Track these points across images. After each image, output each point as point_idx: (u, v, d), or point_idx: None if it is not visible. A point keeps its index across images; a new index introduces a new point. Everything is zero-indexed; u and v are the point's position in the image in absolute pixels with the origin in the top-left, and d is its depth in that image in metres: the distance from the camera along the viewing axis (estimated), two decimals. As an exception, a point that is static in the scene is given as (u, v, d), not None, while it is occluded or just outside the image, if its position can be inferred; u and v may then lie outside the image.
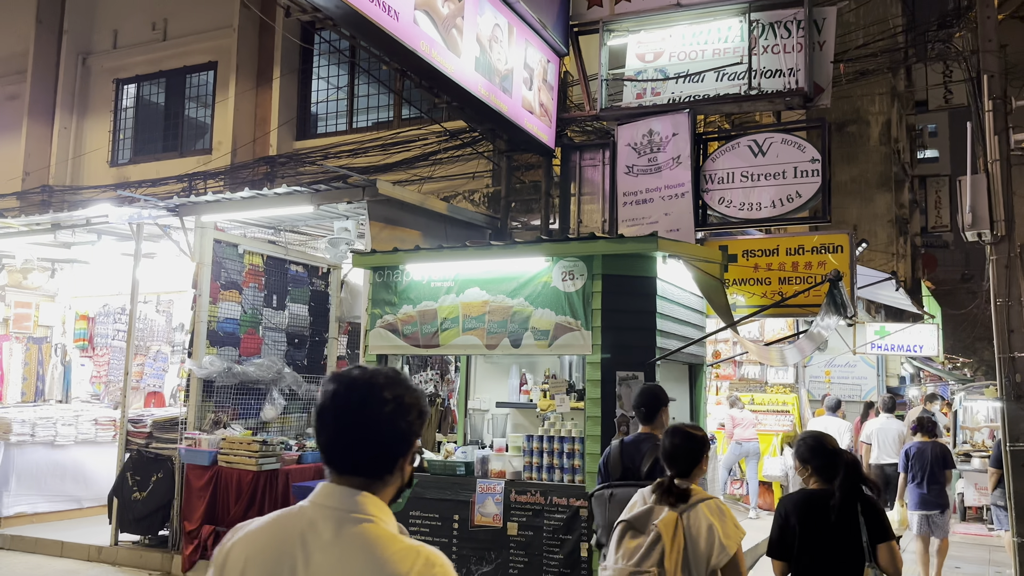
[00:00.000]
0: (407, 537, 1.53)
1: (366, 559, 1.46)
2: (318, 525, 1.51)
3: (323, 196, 7.22)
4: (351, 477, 1.56)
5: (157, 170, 11.81)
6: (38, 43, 12.81)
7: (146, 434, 7.81)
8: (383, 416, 1.56)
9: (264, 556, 1.52)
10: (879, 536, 3.34)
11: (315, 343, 9.32)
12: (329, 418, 1.57)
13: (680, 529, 2.98)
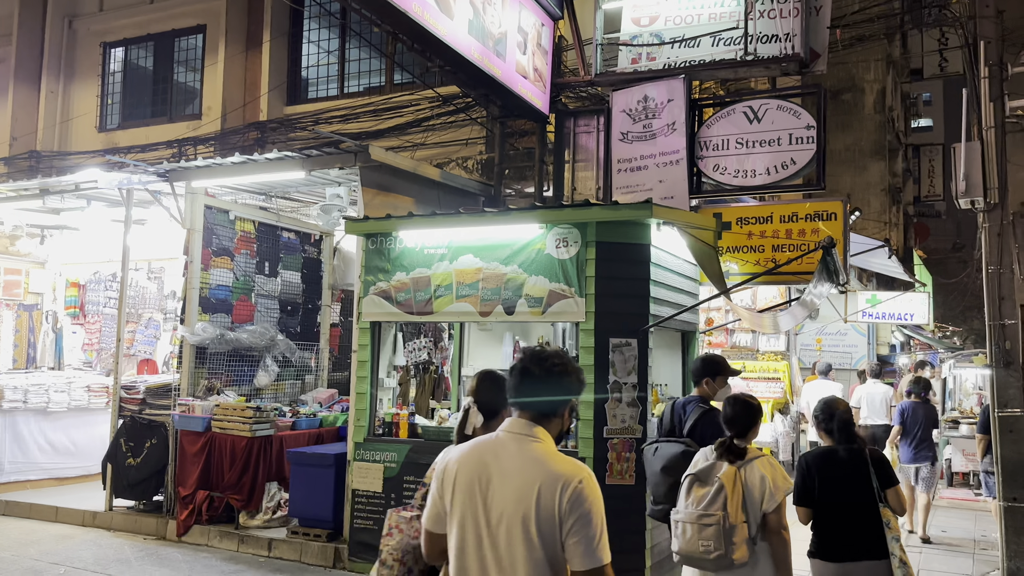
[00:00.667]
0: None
1: (537, 465, 2.23)
2: (507, 444, 2.30)
3: (315, 162, 7.15)
4: (530, 414, 2.33)
5: (146, 136, 11.67)
6: (23, 5, 12.57)
7: (139, 401, 7.81)
8: (553, 378, 2.32)
9: (470, 463, 2.30)
10: (887, 482, 3.97)
11: (308, 310, 9.30)
12: (520, 376, 2.34)
13: (739, 481, 3.58)
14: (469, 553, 2.22)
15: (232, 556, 6.68)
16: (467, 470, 2.29)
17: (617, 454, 5.65)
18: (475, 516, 2.24)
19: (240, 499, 7.03)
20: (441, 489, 2.34)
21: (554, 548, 2.14)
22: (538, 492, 2.17)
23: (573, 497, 2.15)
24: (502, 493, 2.21)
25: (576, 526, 2.14)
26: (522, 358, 2.38)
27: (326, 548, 6.54)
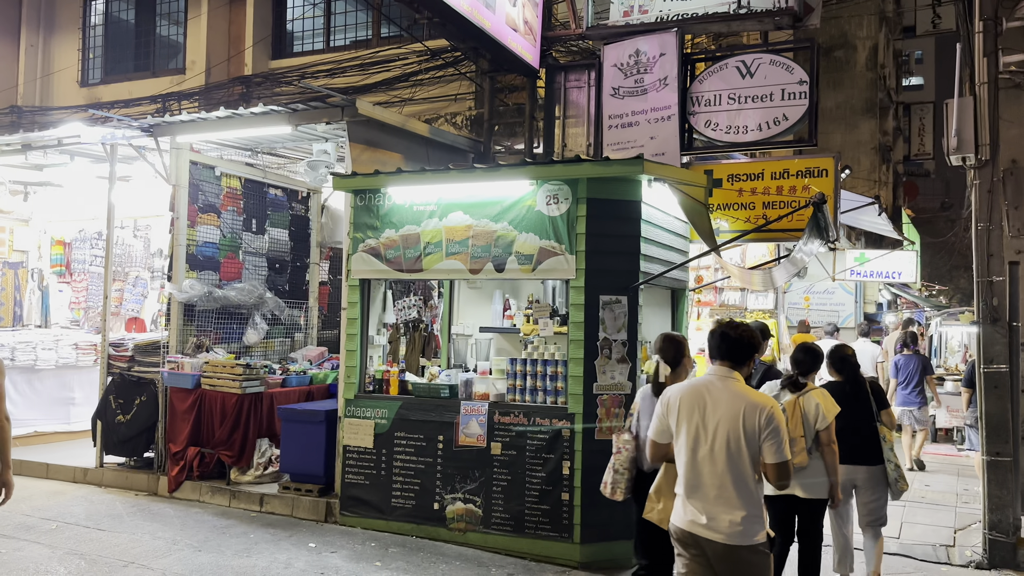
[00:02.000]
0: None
1: (739, 396, 3.30)
2: (715, 382, 3.38)
3: (301, 116, 7.04)
4: (728, 364, 3.41)
5: (129, 90, 11.46)
6: (-3, -46, 12.22)
7: (128, 358, 7.78)
8: (743, 340, 3.42)
9: (690, 395, 3.38)
10: (882, 405, 5.18)
11: (296, 268, 9.25)
12: (720, 338, 3.44)
13: (798, 406, 4.74)
14: (693, 450, 3.32)
15: (224, 511, 6.73)
16: (688, 399, 3.37)
17: (606, 410, 5.69)
18: (696, 428, 3.32)
19: (231, 455, 7.06)
20: (666, 413, 3.44)
21: (752, 449, 3.23)
22: (743, 414, 3.24)
23: (768, 417, 3.22)
24: (715, 414, 3.29)
25: (770, 436, 3.21)
26: (721, 326, 3.48)
27: (318, 503, 6.60)
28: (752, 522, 3.18)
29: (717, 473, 3.23)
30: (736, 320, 3.63)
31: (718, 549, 3.20)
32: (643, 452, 4.21)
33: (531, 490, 5.78)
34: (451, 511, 6.02)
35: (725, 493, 3.20)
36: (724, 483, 3.21)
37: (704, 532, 3.22)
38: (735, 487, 3.20)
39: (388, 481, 6.27)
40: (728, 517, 3.18)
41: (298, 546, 5.81)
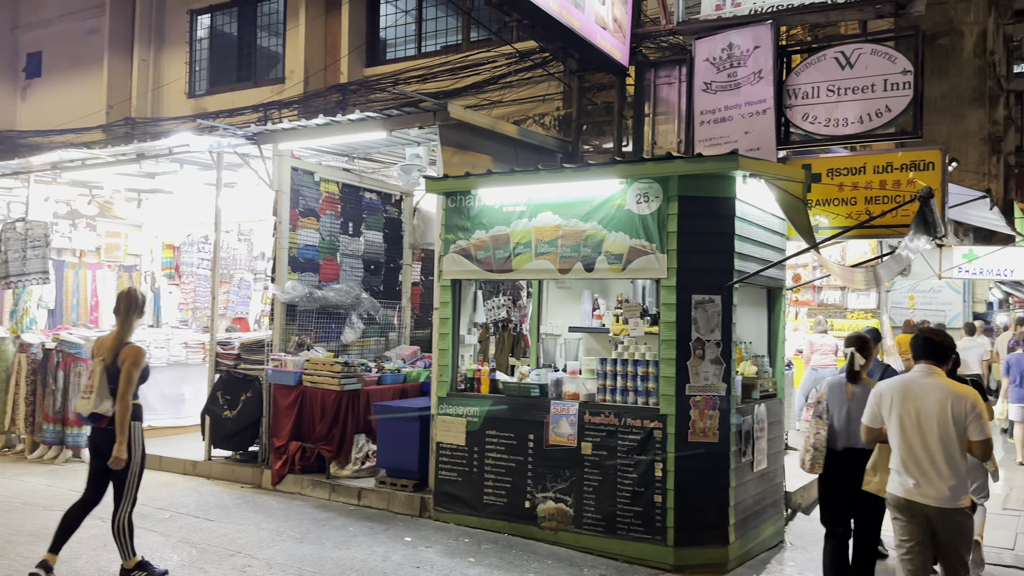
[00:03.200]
0: None
1: (945, 388, 3.99)
2: (922, 377, 4.09)
3: (395, 121, 7.22)
4: (932, 361, 4.11)
5: (233, 100, 12.00)
6: (113, -24, 13.01)
7: (234, 356, 8.16)
8: (944, 343, 4.17)
9: (900, 389, 4.12)
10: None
11: (390, 269, 9.49)
12: (924, 342, 4.19)
13: None
14: (908, 433, 4.05)
15: (324, 504, 6.97)
16: (900, 392, 4.11)
17: (700, 411, 5.60)
18: (908, 414, 4.06)
19: (330, 450, 7.31)
20: (879, 404, 4.21)
21: (959, 430, 3.93)
22: (951, 402, 3.95)
23: (971, 404, 3.93)
24: (926, 403, 4.01)
25: (975, 419, 3.92)
26: (923, 333, 4.27)
27: (412, 498, 6.75)
28: (959, 490, 3.93)
29: (930, 451, 3.97)
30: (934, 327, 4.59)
31: (932, 512, 3.95)
32: (835, 433, 4.87)
33: (623, 491, 5.75)
34: (542, 510, 6.05)
35: (937, 467, 3.95)
36: (936, 459, 3.95)
37: (920, 499, 3.97)
38: (946, 462, 3.93)
39: (480, 478, 6.35)
40: (941, 486, 3.93)
41: (395, 540, 5.96)
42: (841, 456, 4.82)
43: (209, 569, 5.23)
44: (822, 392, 4.99)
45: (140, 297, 5.13)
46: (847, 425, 4.79)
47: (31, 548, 5.52)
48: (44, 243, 9.78)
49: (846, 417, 4.81)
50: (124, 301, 5.04)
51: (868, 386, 4.69)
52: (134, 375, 4.78)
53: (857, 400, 4.73)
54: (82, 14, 13.70)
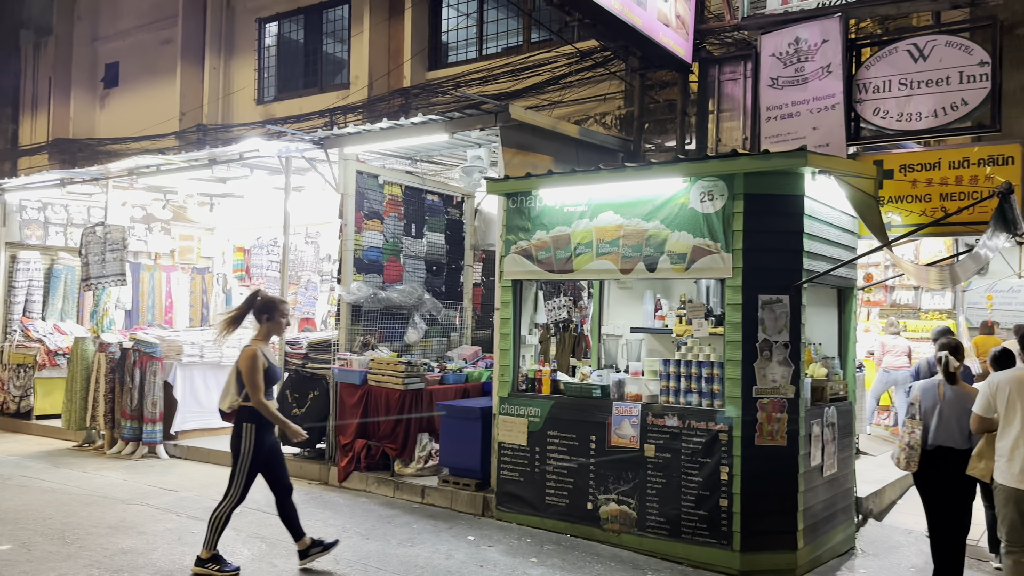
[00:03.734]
0: None
1: None
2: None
3: (457, 124, 7.29)
4: None
5: (300, 106, 12.28)
6: (186, -14, 13.47)
7: (302, 355, 8.35)
8: None
9: (1012, 380, 4.55)
10: None
11: (452, 270, 9.57)
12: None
13: None
14: (1017, 421, 4.44)
15: (388, 502, 7.07)
16: (1012, 383, 4.51)
17: (767, 414, 5.49)
18: (1021, 403, 4.46)
19: (395, 448, 7.41)
20: (994, 395, 4.57)
21: None
22: None
23: None
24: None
25: None
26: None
27: (475, 497, 6.80)
28: None
29: None
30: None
31: None
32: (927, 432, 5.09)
33: (687, 494, 5.67)
34: (605, 512, 6.02)
35: None
36: None
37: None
38: None
39: (542, 479, 6.35)
40: None
41: (458, 538, 6.01)
42: (932, 454, 5.09)
43: (278, 564, 5.36)
44: (915, 394, 5.26)
45: (260, 300, 5.20)
46: (939, 425, 5.06)
47: (110, 540, 5.75)
48: (122, 246, 10.18)
49: (937, 417, 5.07)
50: (245, 305, 5.20)
51: (960, 389, 5.07)
52: (251, 376, 4.92)
53: (949, 402, 5.06)
54: (156, 25, 14.23)
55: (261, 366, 4.96)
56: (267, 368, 5.03)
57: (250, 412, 5.00)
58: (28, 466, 8.38)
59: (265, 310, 5.14)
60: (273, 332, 5.23)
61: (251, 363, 4.94)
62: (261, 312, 5.14)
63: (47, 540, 5.70)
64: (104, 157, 12.93)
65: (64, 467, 8.36)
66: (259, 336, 5.15)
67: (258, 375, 4.93)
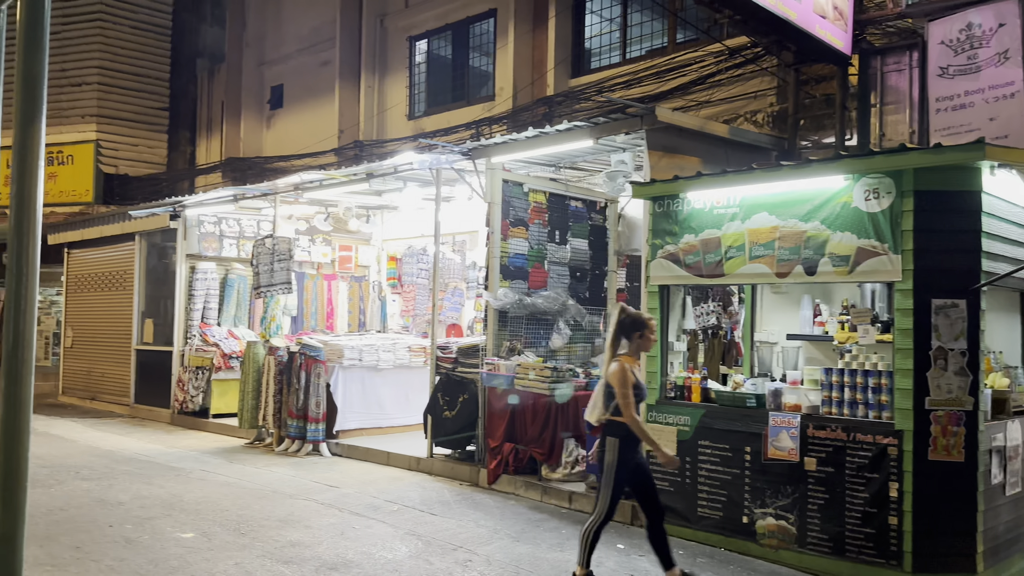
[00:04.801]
0: None
1: None
2: None
3: (602, 129, 7.27)
4: None
5: (448, 119, 12.67)
6: (343, 11, 14.23)
7: (452, 360, 8.60)
8: None
9: None
10: None
11: (595, 276, 9.56)
12: None
13: None
14: None
15: (536, 505, 7.14)
16: None
17: (942, 427, 5.09)
18: None
19: (542, 453, 7.48)
20: None
21: None
22: None
23: None
24: None
25: None
26: None
27: (624, 505, 6.72)
28: None
29: None
30: None
31: None
32: None
33: (852, 511, 5.35)
34: (761, 526, 5.79)
35: None
36: None
37: None
38: None
39: (693, 490, 6.20)
40: None
41: (607, 546, 5.97)
42: None
43: (434, 561, 5.53)
44: None
45: (627, 317, 5.03)
46: None
47: (280, 532, 6.14)
48: (288, 256, 10.89)
49: None
50: (616, 325, 5.04)
51: None
52: (622, 392, 4.84)
53: None
54: (316, 48, 15.14)
55: (630, 382, 4.87)
56: (635, 384, 4.93)
57: (615, 426, 4.91)
58: (206, 461, 9.11)
59: (635, 327, 5.02)
60: (642, 348, 5.12)
61: (621, 378, 4.85)
62: (630, 330, 5.02)
63: (225, 530, 6.18)
64: (271, 174, 13.89)
65: (237, 463, 9.03)
66: (628, 352, 5.02)
67: (629, 391, 4.85)
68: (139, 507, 6.82)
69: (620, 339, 5.02)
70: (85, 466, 8.56)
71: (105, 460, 8.99)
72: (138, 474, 8.23)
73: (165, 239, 13.00)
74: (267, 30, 16.43)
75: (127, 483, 7.77)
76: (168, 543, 5.79)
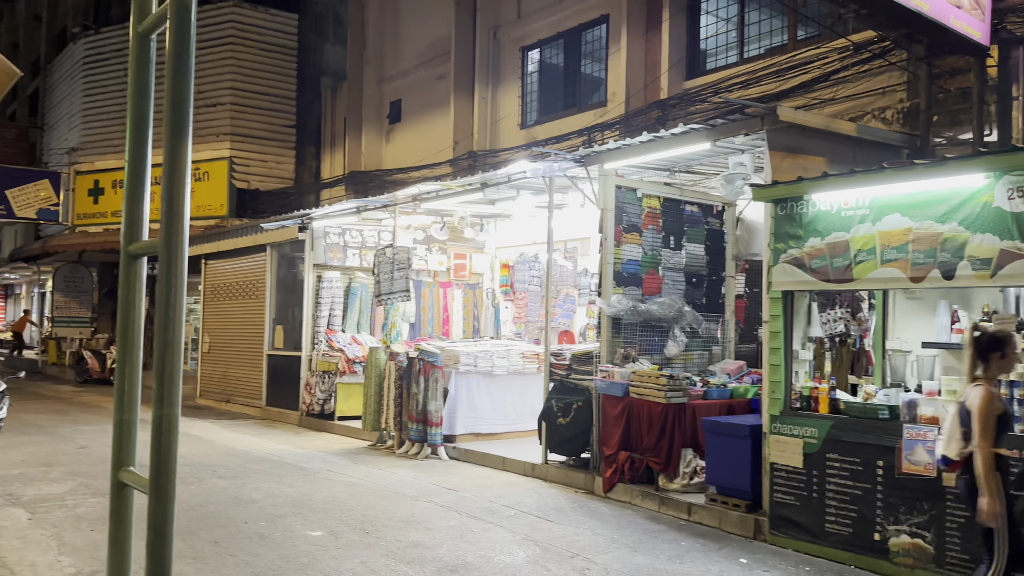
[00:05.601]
0: None
1: None
2: None
3: (719, 131, 7.11)
4: None
5: (560, 127, 12.72)
6: (457, 25, 14.58)
7: (566, 366, 8.61)
8: None
9: None
10: None
11: (712, 282, 9.33)
12: None
13: None
14: None
15: (653, 516, 7.03)
16: None
17: (1103, 444, 4.66)
18: None
19: (658, 462, 7.36)
20: None
21: None
22: None
23: None
24: None
25: None
26: None
27: (745, 519, 6.53)
28: None
29: None
30: None
31: None
32: None
33: (998, 531, 4.97)
34: (895, 544, 5.47)
35: None
36: None
37: None
38: None
39: (820, 504, 5.94)
40: None
41: (729, 560, 5.81)
42: None
43: (552, 568, 5.54)
44: None
45: (985, 337, 4.42)
46: None
47: (402, 533, 6.32)
48: (407, 265, 11.23)
49: None
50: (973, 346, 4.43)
51: None
52: (982, 419, 4.20)
53: None
54: (432, 63, 15.56)
55: (995, 411, 4.24)
56: (1002, 413, 4.30)
57: (997, 460, 4.27)
58: (332, 462, 9.50)
59: (993, 346, 4.40)
60: (1003, 370, 4.51)
61: (985, 405, 4.22)
62: (987, 349, 4.40)
63: (350, 529, 6.41)
64: (390, 186, 14.37)
65: (361, 464, 9.37)
66: (988, 374, 4.39)
67: (991, 421, 4.21)
68: (271, 505, 7.19)
69: (978, 362, 4.40)
70: (221, 465, 9.11)
71: (239, 460, 9.53)
72: (270, 473, 8.68)
73: (294, 250, 13.68)
74: (386, 48, 17.03)
75: (260, 482, 8.20)
76: (298, 540, 6.08)
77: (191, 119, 2.08)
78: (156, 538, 2.10)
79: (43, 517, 6.57)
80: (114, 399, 2.15)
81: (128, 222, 2.22)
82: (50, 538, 5.98)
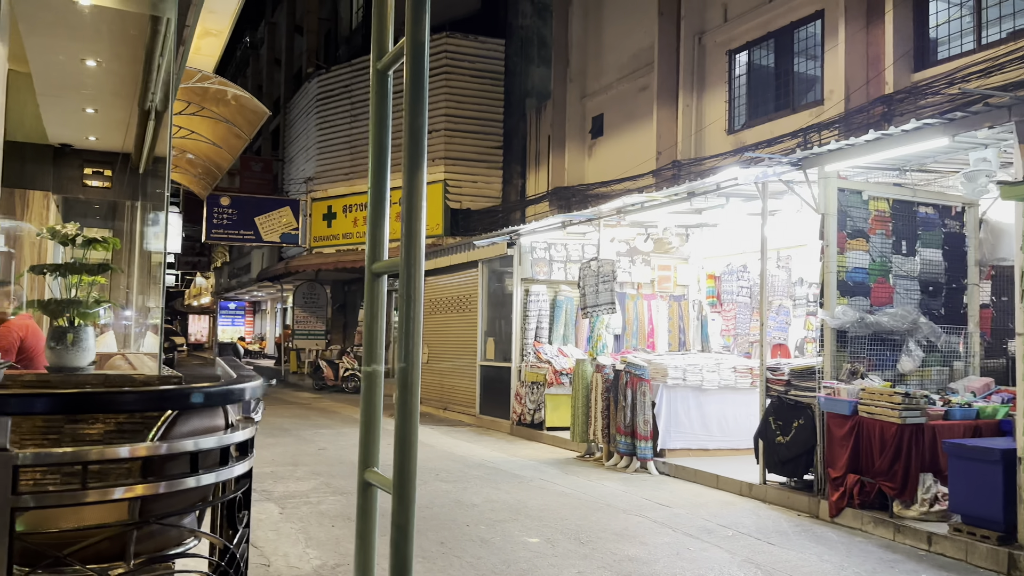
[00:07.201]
0: None
1: None
2: None
3: (959, 124, 6.46)
4: None
5: (770, 130, 12.20)
6: (661, 34, 14.45)
7: (784, 382, 8.18)
8: None
9: None
10: None
11: (952, 290, 8.46)
12: None
13: None
14: None
15: (887, 544, 6.47)
16: None
17: None
18: None
19: (892, 487, 6.77)
20: None
21: None
22: None
23: None
24: None
25: None
26: None
27: (997, 552, 5.83)
28: None
29: None
30: None
31: None
32: None
33: None
34: None
35: None
36: None
37: None
38: None
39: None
40: None
41: (979, 599, 5.22)
42: None
43: (773, 592, 5.28)
44: None
45: None
46: None
47: (616, 545, 6.31)
48: (612, 278, 11.25)
49: None
50: None
51: None
52: None
53: None
54: (634, 75, 15.54)
55: None
56: None
57: None
58: (543, 471, 9.70)
59: None
60: None
61: None
62: None
63: (566, 538, 6.51)
64: (593, 200, 14.51)
65: (571, 474, 9.48)
66: None
67: None
68: (490, 510, 7.47)
69: None
70: (443, 469, 9.61)
71: (459, 465, 10.01)
72: (487, 479, 9.03)
73: (503, 265, 14.20)
74: (588, 64, 17.26)
75: (478, 487, 8.56)
76: (517, 546, 6.26)
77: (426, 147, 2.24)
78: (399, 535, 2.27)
79: (291, 512, 7.29)
80: (360, 405, 2.36)
81: (371, 243, 2.42)
82: (298, 532, 6.62)
